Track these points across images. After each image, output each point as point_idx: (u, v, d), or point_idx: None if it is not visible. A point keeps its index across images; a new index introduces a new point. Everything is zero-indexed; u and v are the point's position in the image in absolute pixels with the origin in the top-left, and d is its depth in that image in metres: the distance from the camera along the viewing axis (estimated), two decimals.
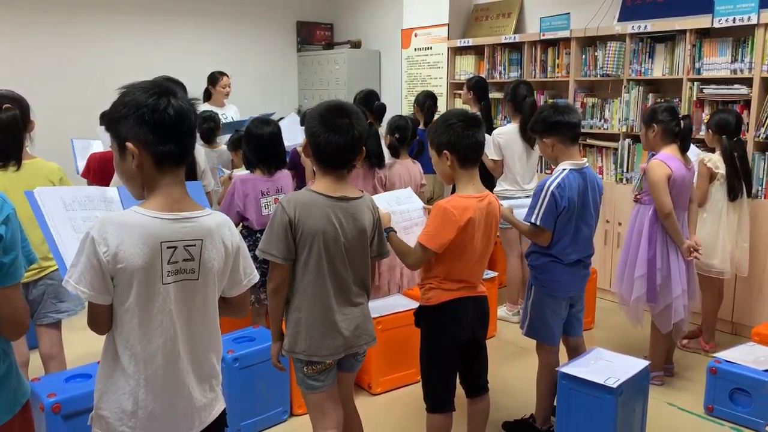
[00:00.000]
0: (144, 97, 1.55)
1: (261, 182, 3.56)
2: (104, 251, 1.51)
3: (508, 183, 4.57)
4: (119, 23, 6.89)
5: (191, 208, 1.65)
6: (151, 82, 1.61)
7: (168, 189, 1.61)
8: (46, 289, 2.90)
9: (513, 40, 5.86)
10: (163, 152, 1.57)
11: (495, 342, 4.25)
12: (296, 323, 2.22)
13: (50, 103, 5.84)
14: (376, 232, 2.32)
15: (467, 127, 2.44)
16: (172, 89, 1.60)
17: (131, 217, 1.57)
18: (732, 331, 4.43)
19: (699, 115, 4.54)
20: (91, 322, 1.63)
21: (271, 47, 8.14)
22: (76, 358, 3.32)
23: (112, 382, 1.63)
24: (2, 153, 2.77)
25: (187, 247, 1.62)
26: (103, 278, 1.54)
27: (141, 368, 1.61)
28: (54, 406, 2.47)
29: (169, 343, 1.63)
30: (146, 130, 1.55)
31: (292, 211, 2.14)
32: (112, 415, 1.62)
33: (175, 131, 1.58)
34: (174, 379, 1.65)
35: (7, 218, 1.59)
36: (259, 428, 3.17)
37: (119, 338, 1.61)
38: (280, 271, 2.20)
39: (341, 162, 2.20)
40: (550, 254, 2.95)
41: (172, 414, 1.66)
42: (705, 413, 3.37)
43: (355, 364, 2.37)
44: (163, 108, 1.55)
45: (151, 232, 1.56)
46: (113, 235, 1.52)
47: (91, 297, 1.55)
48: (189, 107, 1.61)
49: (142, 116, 1.54)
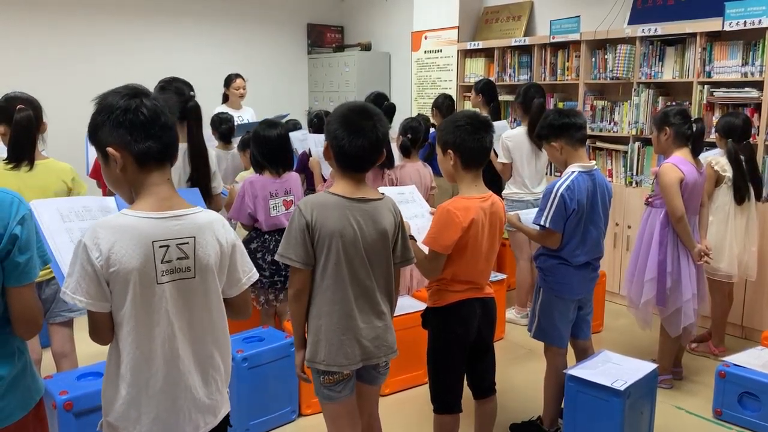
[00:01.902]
0: (115, 100, 1.58)
1: (270, 183, 3.58)
2: (97, 257, 1.52)
3: (516, 186, 4.57)
4: (131, 26, 6.95)
5: (181, 206, 1.66)
6: (123, 86, 1.63)
7: (154, 188, 1.62)
8: (59, 289, 2.91)
9: (523, 42, 5.87)
10: (142, 150, 1.59)
11: (503, 344, 4.25)
12: (317, 331, 2.15)
13: (62, 105, 5.90)
14: (399, 235, 2.23)
15: (475, 131, 2.44)
16: (143, 90, 1.62)
17: (121, 219, 1.58)
18: (742, 335, 4.41)
19: (709, 118, 4.53)
20: (92, 333, 1.64)
21: (281, 50, 8.18)
22: (88, 356, 3.35)
23: (116, 389, 1.63)
24: (15, 153, 2.81)
25: (180, 245, 1.62)
26: (99, 285, 1.55)
27: (143, 371, 1.61)
28: (66, 403, 2.50)
29: (167, 344, 1.63)
30: (123, 132, 1.57)
31: (309, 213, 2.08)
32: (120, 423, 1.64)
33: (150, 128, 1.59)
34: (175, 380, 1.65)
35: (23, 218, 1.62)
36: (267, 428, 3.18)
37: (120, 344, 1.61)
38: (300, 275, 2.13)
39: (364, 165, 2.14)
40: (558, 256, 2.95)
41: (176, 416, 1.67)
42: (713, 417, 3.36)
43: (377, 377, 2.28)
44: (135, 107, 1.57)
45: (142, 232, 1.56)
46: (104, 240, 1.53)
47: (89, 305, 1.56)
48: (162, 105, 1.62)
49: (116, 119, 1.57)
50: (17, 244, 1.59)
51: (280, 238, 2.29)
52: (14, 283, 1.61)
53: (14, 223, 1.59)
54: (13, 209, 1.60)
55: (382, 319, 2.20)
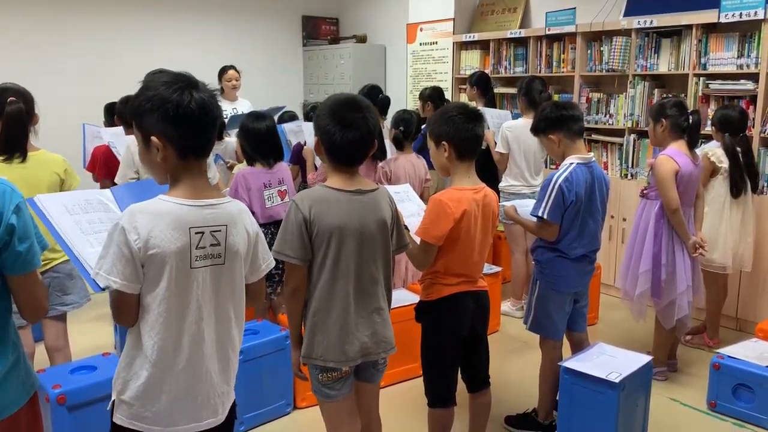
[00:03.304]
0: (168, 92, 1.58)
1: (263, 175, 3.59)
2: (135, 239, 1.56)
3: (513, 178, 4.56)
4: (124, 18, 6.89)
5: (214, 195, 1.71)
6: (173, 74, 1.63)
7: (192, 179, 1.67)
8: (52, 282, 2.92)
9: (518, 35, 5.85)
10: (186, 146, 1.63)
11: (498, 337, 4.26)
12: (313, 327, 2.12)
13: (56, 97, 5.87)
14: (395, 224, 2.23)
15: (467, 120, 2.45)
16: (193, 81, 1.64)
17: (160, 205, 1.62)
18: (736, 327, 4.42)
19: (705, 110, 4.52)
20: (119, 315, 1.66)
21: (276, 42, 8.13)
22: (81, 350, 3.35)
23: (135, 369, 1.66)
24: (7, 145, 2.79)
25: (214, 232, 1.66)
26: (135, 267, 1.58)
27: (169, 353, 1.64)
28: (59, 397, 2.50)
29: (194, 327, 1.66)
30: (170, 126, 1.59)
31: (306, 208, 2.03)
32: (136, 402, 1.65)
33: (198, 126, 1.62)
34: (197, 364, 1.68)
35: (17, 207, 1.61)
36: (262, 421, 3.18)
37: (145, 326, 1.64)
38: (296, 272, 2.10)
39: (356, 158, 2.11)
40: (556, 249, 2.95)
41: (194, 400, 1.69)
42: (708, 409, 3.37)
43: (375, 374, 2.25)
44: (186, 103, 1.58)
45: (180, 218, 1.61)
46: (143, 223, 1.57)
47: (123, 287, 1.59)
48: (210, 98, 1.64)
49: (166, 112, 1.58)
50: (16, 234, 1.59)
51: (276, 231, 2.26)
52: (19, 271, 1.62)
53: (9, 213, 1.58)
54: (6, 198, 1.59)
55: (380, 314, 2.18)
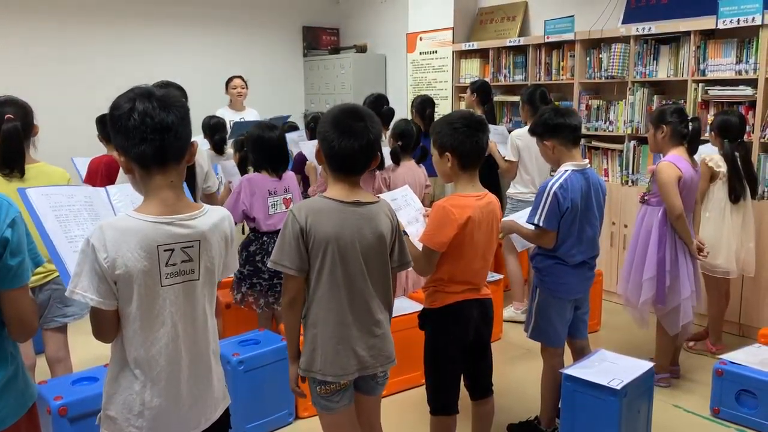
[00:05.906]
0: (119, 104, 1.61)
1: (268, 182, 3.59)
2: (104, 257, 1.55)
3: (522, 185, 4.60)
4: (126, 29, 6.93)
5: (187, 209, 1.67)
6: (133, 89, 1.64)
7: (159, 192, 1.63)
8: (52, 294, 2.91)
9: (518, 43, 5.87)
10: (138, 154, 1.60)
11: (501, 344, 4.25)
12: (312, 339, 2.10)
13: (58, 108, 5.89)
14: (396, 240, 2.18)
15: (471, 132, 2.45)
16: (142, 91, 1.61)
17: (128, 222, 1.59)
18: (739, 333, 4.41)
19: (704, 116, 4.53)
20: (97, 332, 1.65)
21: (277, 52, 8.16)
22: (82, 361, 3.35)
23: (119, 384, 1.66)
24: (5, 162, 2.79)
25: (185, 248, 1.64)
26: (108, 284, 1.57)
27: (146, 370, 1.64)
28: (60, 408, 2.49)
29: (171, 345, 1.65)
30: (121, 137, 1.60)
31: (303, 218, 2.02)
32: (120, 416, 1.65)
33: (141, 132, 1.58)
34: (177, 379, 1.68)
35: (13, 221, 1.61)
36: (264, 431, 3.17)
37: (126, 342, 1.64)
38: (294, 282, 2.09)
39: (356, 167, 2.08)
40: (555, 256, 2.95)
41: (177, 413, 1.69)
42: (711, 415, 3.35)
43: (375, 387, 2.22)
44: (127, 112, 1.58)
45: (147, 236, 1.58)
46: (111, 242, 1.56)
47: (100, 303, 1.58)
48: (158, 106, 1.59)
49: (115, 124, 1.60)
50: (8, 248, 1.59)
51: None
52: (7, 286, 1.62)
53: (4, 227, 1.59)
54: (2, 212, 1.60)
55: (380, 327, 2.15)
